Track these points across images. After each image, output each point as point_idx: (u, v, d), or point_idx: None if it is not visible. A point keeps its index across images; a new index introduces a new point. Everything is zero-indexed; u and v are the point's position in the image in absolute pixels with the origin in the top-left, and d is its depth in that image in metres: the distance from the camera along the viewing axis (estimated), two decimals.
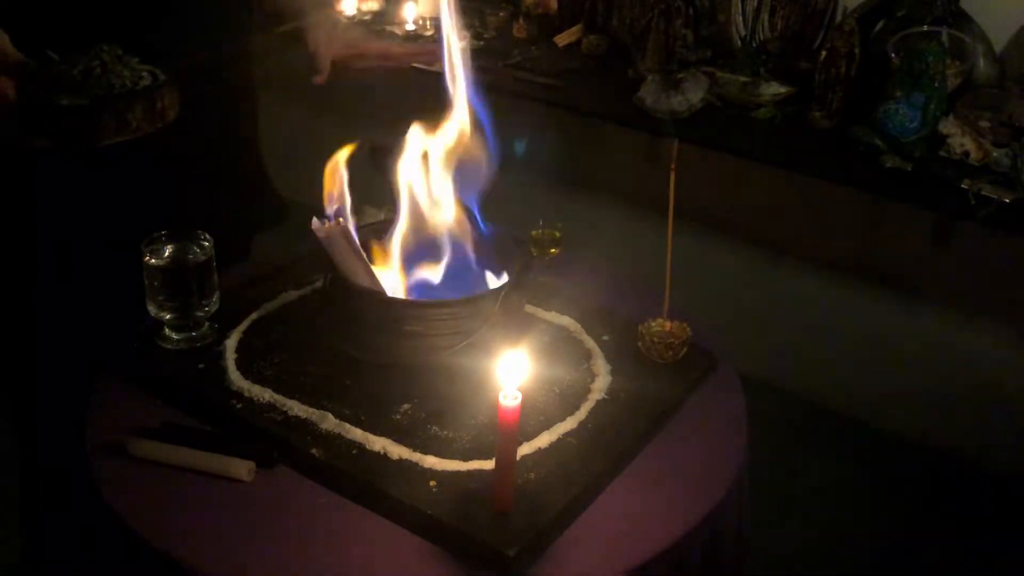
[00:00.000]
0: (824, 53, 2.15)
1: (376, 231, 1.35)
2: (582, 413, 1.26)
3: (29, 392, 1.67)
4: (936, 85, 1.99)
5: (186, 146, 1.50)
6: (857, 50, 2.11)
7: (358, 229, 1.31)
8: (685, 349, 1.36)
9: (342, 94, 1.96)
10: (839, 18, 2.28)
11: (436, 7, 2.58)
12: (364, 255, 1.27)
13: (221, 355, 1.34)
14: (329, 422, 1.21)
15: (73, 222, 1.52)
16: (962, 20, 2.17)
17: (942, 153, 2.01)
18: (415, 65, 1.72)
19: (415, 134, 1.31)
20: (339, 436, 1.20)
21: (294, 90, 2.77)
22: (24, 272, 1.58)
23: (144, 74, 1.32)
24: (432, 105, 1.34)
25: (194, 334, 1.37)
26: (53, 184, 1.50)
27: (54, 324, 1.58)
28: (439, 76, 1.34)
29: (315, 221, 1.26)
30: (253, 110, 1.74)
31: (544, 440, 1.21)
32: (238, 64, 1.63)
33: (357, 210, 1.32)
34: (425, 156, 1.32)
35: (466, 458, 1.17)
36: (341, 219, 1.26)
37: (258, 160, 1.77)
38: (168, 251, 1.36)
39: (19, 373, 1.67)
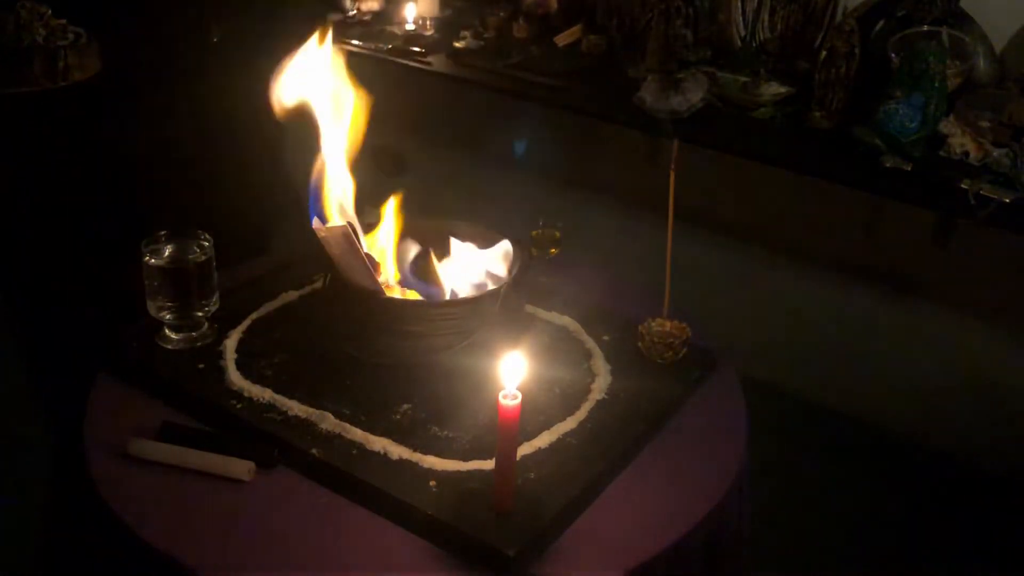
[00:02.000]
0: (824, 53, 2.15)
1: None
2: (582, 413, 1.26)
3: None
4: (936, 85, 1.99)
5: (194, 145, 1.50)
6: (857, 50, 2.11)
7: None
8: (685, 349, 1.37)
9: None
10: (839, 18, 2.28)
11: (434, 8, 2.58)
12: (365, 255, 1.27)
13: (221, 355, 1.34)
14: (329, 422, 1.21)
15: (73, 219, 1.52)
16: (962, 20, 2.17)
17: (942, 153, 2.01)
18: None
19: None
20: (339, 436, 1.20)
21: None
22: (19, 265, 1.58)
23: (70, 35, 1.35)
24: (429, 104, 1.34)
25: (194, 334, 1.37)
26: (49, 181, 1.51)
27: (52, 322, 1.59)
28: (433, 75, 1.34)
29: (316, 221, 1.27)
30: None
31: (544, 440, 1.21)
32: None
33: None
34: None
35: (466, 458, 1.17)
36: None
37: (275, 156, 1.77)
38: (168, 251, 1.36)
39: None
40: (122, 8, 1.46)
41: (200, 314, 1.36)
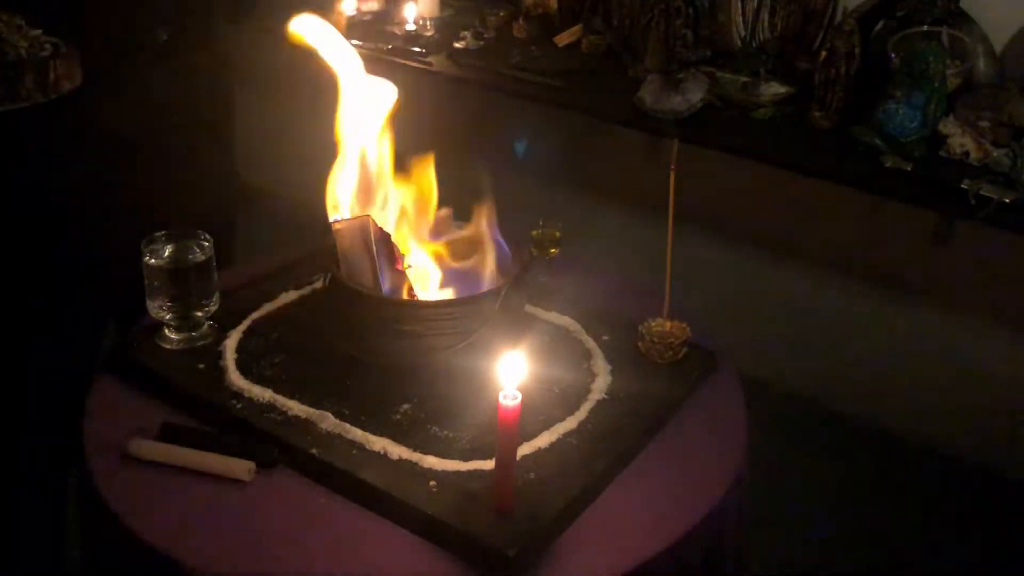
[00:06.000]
0: (824, 53, 2.15)
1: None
2: (582, 413, 1.26)
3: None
4: (936, 85, 1.99)
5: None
6: (857, 50, 2.11)
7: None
8: (685, 349, 1.37)
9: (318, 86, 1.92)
10: (839, 18, 2.28)
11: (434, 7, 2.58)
12: (375, 253, 1.26)
13: (221, 355, 1.34)
14: (329, 422, 1.21)
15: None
16: (962, 20, 2.17)
17: (942, 153, 2.01)
18: None
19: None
20: (339, 436, 1.20)
21: (269, 81, 2.78)
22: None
23: (47, 45, 1.33)
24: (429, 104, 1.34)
25: (194, 334, 1.37)
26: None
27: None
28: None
29: (333, 215, 1.27)
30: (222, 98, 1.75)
31: (544, 440, 1.21)
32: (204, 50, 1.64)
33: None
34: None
35: (466, 458, 1.17)
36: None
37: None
38: (168, 251, 1.36)
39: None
40: (76, 13, 1.46)
41: (200, 314, 1.36)
